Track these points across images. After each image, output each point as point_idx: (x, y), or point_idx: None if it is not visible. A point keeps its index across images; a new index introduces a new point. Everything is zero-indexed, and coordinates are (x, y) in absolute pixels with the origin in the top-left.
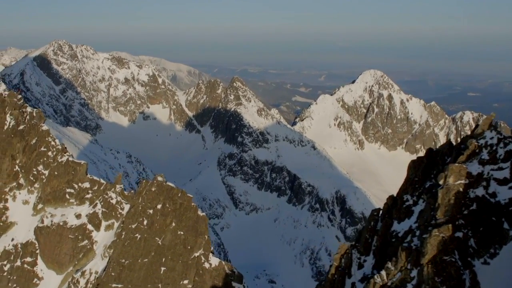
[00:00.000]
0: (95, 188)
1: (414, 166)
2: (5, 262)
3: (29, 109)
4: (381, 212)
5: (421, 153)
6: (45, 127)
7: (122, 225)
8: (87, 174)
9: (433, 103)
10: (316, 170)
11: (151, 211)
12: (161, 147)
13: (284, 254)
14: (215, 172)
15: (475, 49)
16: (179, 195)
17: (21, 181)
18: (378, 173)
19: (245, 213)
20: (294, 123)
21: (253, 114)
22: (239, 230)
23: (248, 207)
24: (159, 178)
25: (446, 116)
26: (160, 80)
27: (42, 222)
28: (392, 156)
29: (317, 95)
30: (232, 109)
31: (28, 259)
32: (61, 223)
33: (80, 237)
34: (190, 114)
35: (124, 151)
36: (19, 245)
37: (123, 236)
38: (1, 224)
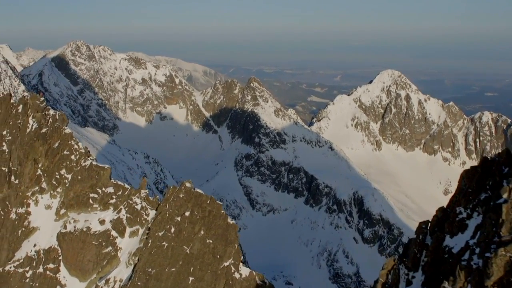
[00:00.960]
0: (119, 193)
1: (467, 176)
2: (27, 269)
3: (51, 111)
4: (429, 224)
5: (439, 154)
6: (68, 130)
7: (148, 232)
8: (111, 179)
9: (451, 103)
10: (333, 171)
11: (178, 219)
12: (178, 148)
13: (301, 255)
14: (232, 172)
15: (492, 48)
16: (208, 202)
17: (44, 185)
18: (395, 174)
19: (262, 214)
20: (311, 124)
21: (270, 114)
22: (256, 231)
23: (265, 208)
24: (187, 184)
25: (465, 116)
26: (177, 81)
27: (65, 227)
28: (409, 157)
29: (333, 95)
30: (249, 110)
31: (51, 265)
32: (84, 229)
33: (104, 243)
34: (207, 114)
35: (142, 151)
36: (42, 251)
37: (149, 244)
38: (24, 229)
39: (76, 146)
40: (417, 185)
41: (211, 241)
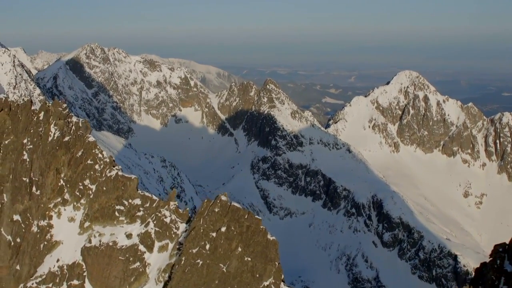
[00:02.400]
0: (147, 205)
1: None
2: (50, 285)
3: (74, 118)
4: (507, 247)
5: (459, 156)
6: (91, 138)
7: (179, 247)
8: (138, 190)
9: (470, 104)
10: (351, 173)
11: (214, 234)
12: (193, 151)
13: (319, 260)
14: (248, 176)
15: (509, 48)
16: (246, 216)
17: (67, 196)
18: (414, 176)
19: (279, 218)
20: (327, 126)
21: (286, 116)
22: (273, 235)
23: (282, 211)
24: (223, 198)
25: (484, 117)
26: (192, 83)
27: (90, 241)
28: (428, 158)
29: (347, 96)
30: (266, 112)
31: (75, 282)
32: (110, 243)
33: (131, 258)
34: (223, 117)
35: (158, 155)
36: (65, 267)
37: (182, 262)
38: (46, 243)
39: (100, 155)
40: (436, 187)
41: (249, 259)
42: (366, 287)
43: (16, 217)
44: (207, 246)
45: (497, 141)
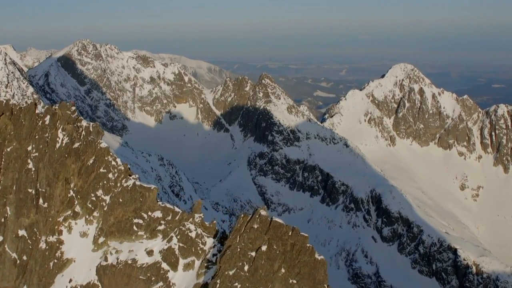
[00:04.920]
0: (169, 217)
1: None
2: None
3: (84, 123)
4: None
5: (454, 149)
6: (104, 144)
7: (208, 265)
8: (158, 201)
9: (465, 96)
10: (349, 168)
11: (253, 254)
12: (189, 147)
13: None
14: (245, 172)
15: (498, 39)
16: (290, 233)
17: (77, 209)
18: (411, 169)
19: (277, 214)
20: (323, 120)
21: (283, 111)
22: None
23: (280, 207)
24: (262, 212)
25: (479, 109)
26: (186, 79)
27: (106, 259)
28: (424, 152)
29: (339, 89)
30: (262, 107)
31: None
32: (129, 261)
33: (153, 278)
34: (218, 112)
35: (156, 153)
36: (79, 287)
37: (218, 286)
38: (56, 261)
39: (114, 163)
40: (433, 180)
41: (294, 281)
42: (367, 282)
43: (22, 233)
44: (246, 268)
45: (493, 133)
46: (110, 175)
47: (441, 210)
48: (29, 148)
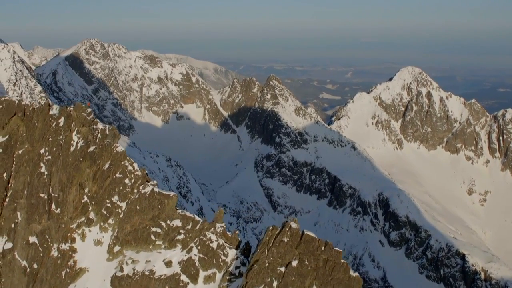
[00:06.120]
0: (189, 227)
1: None
2: None
3: (100, 125)
4: None
5: (462, 153)
6: (120, 148)
7: (230, 278)
8: (177, 209)
9: (473, 100)
10: (357, 171)
11: (282, 270)
12: (195, 148)
13: None
14: (252, 173)
15: (504, 44)
16: (323, 248)
17: (92, 215)
18: (418, 173)
19: (284, 217)
20: (330, 122)
21: (290, 113)
22: None
23: (287, 210)
24: (293, 225)
25: (487, 114)
26: (193, 79)
27: (121, 269)
28: (431, 156)
29: (344, 92)
30: (269, 109)
31: None
32: (146, 272)
33: None
34: (225, 114)
35: (163, 154)
36: None
37: None
38: (68, 270)
39: (130, 168)
40: (440, 185)
41: None
42: (373, 287)
43: (33, 239)
44: (275, 284)
45: (501, 137)
46: (127, 181)
47: (449, 215)
48: (42, 151)
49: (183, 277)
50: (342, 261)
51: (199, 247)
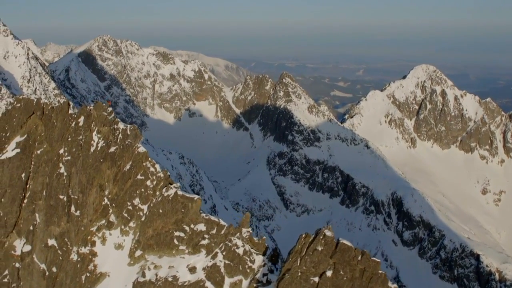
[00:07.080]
0: (214, 231)
1: None
2: None
3: (121, 125)
4: None
5: (476, 152)
6: (142, 149)
7: (257, 286)
8: (202, 213)
9: (488, 99)
10: (370, 170)
11: (316, 280)
12: (207, 145)
13: None
14: (264, 171)
15: None
16: (360, 258)
17: (112, 218)
18: (431, 172)
19: (296, 215)
20: (343, 120)
21: (303, 111)
22: (290, 232)
23: (299, 208)
24: (327, 233)
25: (503, 113)
26: (206, 76)
27: (143, 275)
28: (445, 154)
29: (356, 89)
30: (282, 106)
31: None
32: (169, 278)
33: None
34: (238, 111)
35: (176, 151)
36: None
37: None
38: (88, 274)
39: (152, 169)
40: (454, 184)
41: None
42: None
43: (52, 242)
44: None
45: None
46: (148, 183)
47: (462, 215)
48: (61, 151)
49: (208, 284)
50: (380, 271)
51: (224, 253)
